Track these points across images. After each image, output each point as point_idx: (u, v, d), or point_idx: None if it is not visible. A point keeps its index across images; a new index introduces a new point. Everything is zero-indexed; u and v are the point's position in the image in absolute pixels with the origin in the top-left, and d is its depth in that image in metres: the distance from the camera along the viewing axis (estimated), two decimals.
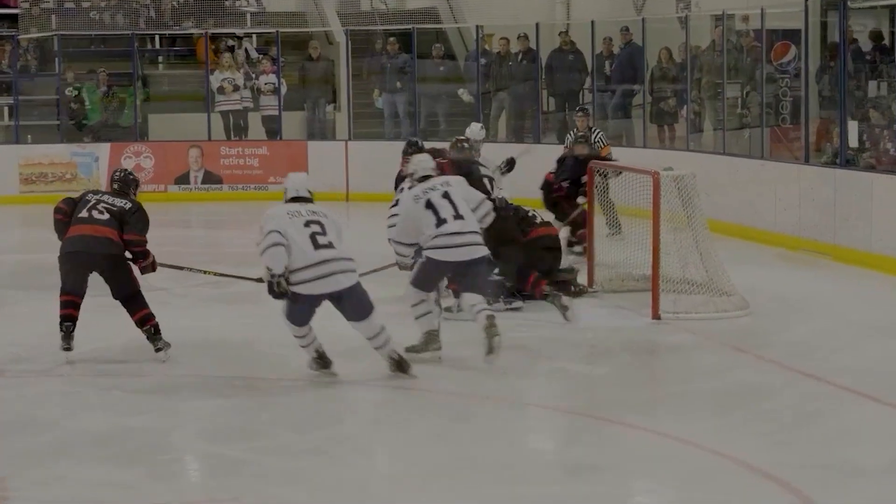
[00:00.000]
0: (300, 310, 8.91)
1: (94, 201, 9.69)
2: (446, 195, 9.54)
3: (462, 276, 9.67)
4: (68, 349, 9.52)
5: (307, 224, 8.82)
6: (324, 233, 8.82)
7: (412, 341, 9.55)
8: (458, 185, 9.75)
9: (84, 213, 9.62)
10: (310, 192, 9.16)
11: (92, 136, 21.33)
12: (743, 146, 17.01)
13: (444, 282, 10.29)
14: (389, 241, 10.51)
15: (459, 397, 8.80)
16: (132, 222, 9.67)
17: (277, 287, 8.67)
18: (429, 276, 9.63)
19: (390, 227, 10.65)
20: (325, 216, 8.94)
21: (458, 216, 9.47)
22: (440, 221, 9.41)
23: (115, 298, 9.71)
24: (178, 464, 7.59)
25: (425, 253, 9.54)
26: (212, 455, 7.60)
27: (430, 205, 9.49)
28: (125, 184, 10.09)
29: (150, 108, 22.29)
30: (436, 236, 9.42)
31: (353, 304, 8.88)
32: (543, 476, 7.22)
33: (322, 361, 9.16)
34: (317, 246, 8.75)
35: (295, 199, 9.07)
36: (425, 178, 9.76)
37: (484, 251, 9.49)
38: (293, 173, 9.58)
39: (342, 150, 20.93)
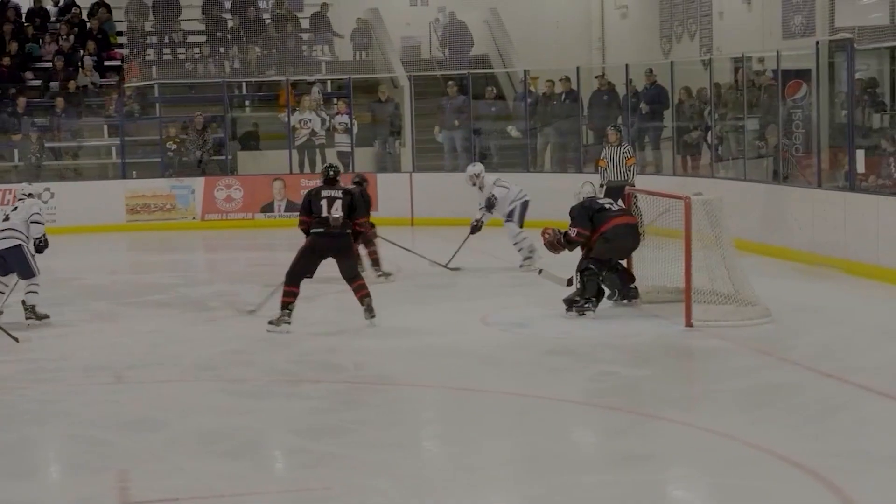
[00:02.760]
0: None
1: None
2: None
3: None
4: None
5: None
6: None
7: None
8: None
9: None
10: None
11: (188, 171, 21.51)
12: (761, 173, 16.94)
13: None
14: None
15: (519, 396, 8.80)
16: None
17: None
18: None
19: None
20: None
21: None
22: None
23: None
24: (276, 458, 7.64)
25: None
26: (304, 450, 7.60)
27: None
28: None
29: (239, 146, 22.40)
30: None
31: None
32: (595, 465, 7.26)
33: None
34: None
35: None
36: None
37: None
38: None
39: (407, 181, 20.95)
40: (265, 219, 21.04)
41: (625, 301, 12.00)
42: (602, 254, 11.69)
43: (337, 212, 11.08)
